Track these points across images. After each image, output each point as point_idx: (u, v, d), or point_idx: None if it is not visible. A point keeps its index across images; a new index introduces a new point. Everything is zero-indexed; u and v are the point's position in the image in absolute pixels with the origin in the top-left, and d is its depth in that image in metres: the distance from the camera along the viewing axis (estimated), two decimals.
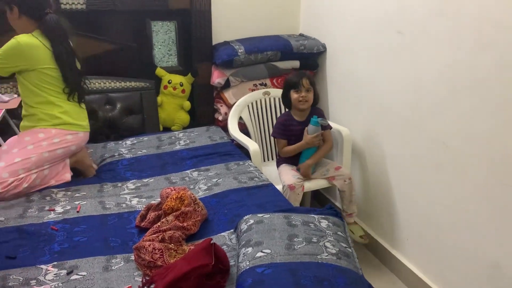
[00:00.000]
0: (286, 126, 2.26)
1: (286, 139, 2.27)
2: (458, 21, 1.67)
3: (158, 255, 1.40)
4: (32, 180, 1.93)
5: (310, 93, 2.21)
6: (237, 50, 2.56)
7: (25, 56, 1.92)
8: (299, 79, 2.19)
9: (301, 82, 2.18)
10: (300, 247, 1.34)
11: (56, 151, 2.00)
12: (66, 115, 2.04)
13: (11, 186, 1.87)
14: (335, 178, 2.25)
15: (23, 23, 1.98)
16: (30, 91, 1.99)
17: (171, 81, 2.67)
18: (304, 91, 2.19)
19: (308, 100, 2.21)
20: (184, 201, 1.63)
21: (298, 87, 2.19)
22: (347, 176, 2.24)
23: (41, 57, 1.95)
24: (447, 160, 1.81)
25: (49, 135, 1.99)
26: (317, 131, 2.20)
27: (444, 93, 1.78)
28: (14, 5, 1.94)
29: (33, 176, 1.93)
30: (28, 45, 1.92)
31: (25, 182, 1.91)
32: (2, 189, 1.85)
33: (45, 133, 1.99)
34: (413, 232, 2.09)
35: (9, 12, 1.97)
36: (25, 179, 1.91)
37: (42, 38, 1.97)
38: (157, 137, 2.51)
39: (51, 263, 1.45)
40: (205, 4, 2.58)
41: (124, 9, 2.48)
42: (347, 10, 2.40)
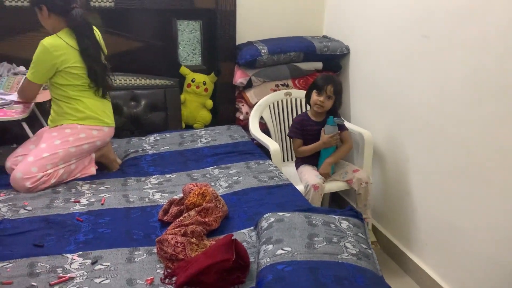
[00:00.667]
0: (302, 126, 2.28)
1: (302, 138, 2.28)
2: (485, 26, 1.66)
3: (180, 249, 1.43)
4: (60, 175, 1.99)
5: (330, 101, 2.21)
6: (260, 50, 2.58)
7: (52, 57, 1.97)
8: (325, 83, 2.19)
9: (325, 88, 2.18)
10: (321, 246, 1.35)
11: (83, 146, 2.05)
12: (90, 110, 2.08)
13: (40, 181, 1.93)
14: (353, 180, 2.25)
15: (53, 22, 2.03)
16: (55, 87, 2.06)
17: (195, 79, 2.71)
18: (324, 97, 2.19)
19: (324, 107, 2.22)
20: (206, 197, 1.66)
21: (320, 91, 2.20)
22: (364, 179, 2.23)
23: (67, 56, 2.00)
24: (470, 166, 1.80)
25: (76, 131, 2.05)
26: (334, 131, 2.21)
27: (469, 99, 1.77)
28: (42, 4, 1.99)
29: (60, 171, 1.99)
30: (53, 46, 1.97)
31: (53, 177, 1.97)
32: (32, 184, 1.91)
33: (71, 128, 2.05)
34: (432, 237, 2.08)
35: (39, 13, 2.03)
36: (53, 175, 1.97)
37: (66, 37, 2.01)
38: (180, 134, 2.55)
39: (76, 252, 1.49)
40: (230, 4, 2.61)
41: (152, 7, 2.53)
42: (372, 12, 2.40)
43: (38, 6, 2.00)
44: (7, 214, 1.72)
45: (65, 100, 2.06)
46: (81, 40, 2.02)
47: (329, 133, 2.21)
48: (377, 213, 2.52)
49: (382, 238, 2.47)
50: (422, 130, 2.07)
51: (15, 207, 1.78)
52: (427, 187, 2.09)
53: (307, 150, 2.27)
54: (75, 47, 2.01)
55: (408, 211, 2.24)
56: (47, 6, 1.99)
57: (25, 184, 1.90)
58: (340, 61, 2.76)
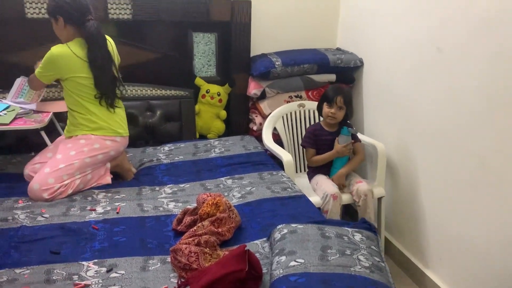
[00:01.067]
0: (316, 135, 2.29)
1: (316, 148, 2.29)
2: (499, 38, 1.66)
3: (194, 258, 1.45)
4: (76, 185, 2.02)
5: (341, 111, 2.23)
6: (274, 62, 2.61)
7: (57, 65, 2.04)
8: (335, 95, 2.21)
9: (335, 99, 2.20)
10: (334, 258, 1.35)
11: (97, 157, 2.09)
12: (102, 120, 2.12)
13: (57, 192, 1.96)
14: (353, 192, 2.25)
15: (68, 33, 2.08)
16: (69, 96, 2.11)
17: (209, 90, 2.75)
18: (335, 108, 2.21)
19: (337, 118, 2.24)
20: (219, 207, 1.67)
21: (331, 103, 2.22)
22: (364, 191, 2.22)
23: (72, 66, 2.04)
24: (484, 179, 1.79)
25: (90, 141, 2.09)
26: (348, 140, 2.22)
27: (483, 111, 1.77)
28: (59, 15, 2.04)
29: (77, 182, 2.03)
30: (60, 55, 2.02)
31: (70, 188, 2.00)
32: (49, 195, 1.95)
33: (85, 139, 2.09)
34: (446, 251, 2.06)
35: (54, 23, 2.08)
36: (69, 185, 2.00)
37: (76, 47, 2.05)
38: (194, 144, 2.57)
39: (92, 260, 1.52)
40: (245, 17, 2.65)
41: (168, 19, 2.58)
42: (386, 25, 2.41)
43: (55, 16, 2.05)
44: (25, 221, 1.76)
45: (79, 111, 2.11)
46: (92, 51, 2.06)
47: (343, 143, 2.22)
48: (390, 226, 2.51)
49: (394, 251, 2.46)
50: (436, 142, 2.06)
51: (33, 214, 1.82)
52: (440, 199, 2.07)
53: (320, 159, 2.28)
54: (84, 58, 2.05)
55: (421, 224, 2.23)
56: (64, 17, 2.04)
57: (42, 195, 1.94)
58: (354, 73, 2.78)
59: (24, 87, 2.39)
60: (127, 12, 2.51)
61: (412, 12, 2.18)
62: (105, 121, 2.13)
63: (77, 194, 2.02)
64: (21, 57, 2.50)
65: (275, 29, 2.84)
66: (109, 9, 2.48)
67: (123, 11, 2.50)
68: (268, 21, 2.79)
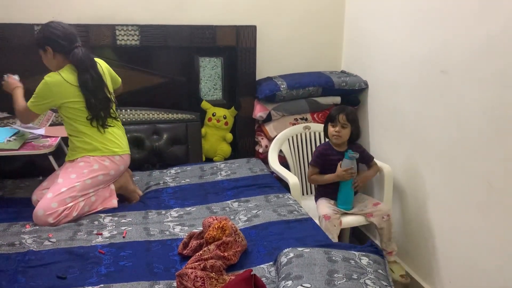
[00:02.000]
0: (324, 155, 2.29)
1: (321, 168, 2.28)
2: (504, 59, 1.67)
3: (200, 283, 1.44)
4: (81, 207, 2.04)
5: (346, 129, 2.22)
6: (280, 85, 2.64)
7: (52, 93, 2.07)
8: (337, 113, 2.22)
9: (338, 118, 2.21)
10: (341, 283, 1.34)
11: (98, 177, 2.11)
12: (96, 141, 2.14)
13: (62, 215, 1.98)
14: (373, 214, 2.23)
15: (57, 61, 2.12)
16: (65, 122, 2.16)
17: (215, 113, 2.78)
18: (339, 127, 2.21)
19: (342, 136, 2.23)
20: (225, 231, 1.67)
21: (334, 122, 2.23)
22: (385, 212, 2.22)
23: (64, 93, 2.08)
24: (492, 201, 1.77)
25: (88, 163, 2.11)
26: (351, 164, 2.20)
27: (490, 133, 1.76)
28: (47, 46, 2.08)
29: (81, 204, 2.04)
30: (53, 84, 2.06)
31: (75, 210, 2.02)
32: (54, 219, 1.96)
33: (84, 161, 2.12)
34: (456, 275, 2.03)
35: (43, 54, 2.13)
36: (74, 207, 2.02)
37: (67, 74, 2.09)
38: (200, 167, 2.59)
39: (98, 285, 1.51)
40: (250, 42, 2.70)
41: (175, 45, 2.63)
42: (390, 47, 2.44)
43: (43, 47, 2.10)
44: (32, 245, 1.76)
45: (75, 135, 2.15)
46: (82, 75, 2.10)
47: (345, 167, 2.20)
48: (398, 249, 2.47)
49: None
50: (443, 165, 2.06)
51: (40, 238, 1.82)
52: (448, 222, 2.05)
53: (319, 179, 2.27)
54: (75, 84, 2.08)
55: (429, 246, 2.20)
56: (52, 47, 2.09)
57: (47, 220, 1.95)
58: (359, 96, 2.79)
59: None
60: (134, 38, 2.56)
61: (415, 35, 2.21)
62: (100, 142, 2.15)
63: (83, 218, 2.03)
64: (31, 82, 2.54)
65: (280, 52, 2.88)
66: (117, 36, 2.54)
67: (131, 37, 2.56)
68: (273, 45, 2.84)
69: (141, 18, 2.61)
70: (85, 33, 2.50)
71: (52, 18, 2.51)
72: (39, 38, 2.11)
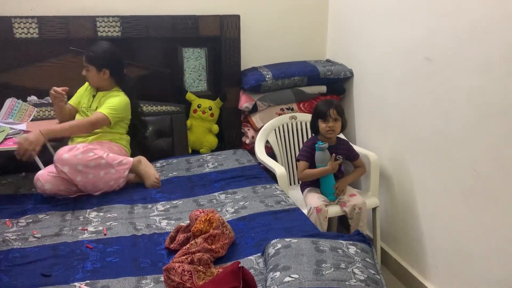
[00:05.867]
0: (313, 149, 2.27)
1: (310, 162, 2.26)
2: (487, 47, 1.67)
3: (187, 277, 1.43)
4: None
5: (338, 122, 2.21)
6: (265, 75, 2.62)
7: (127, 109, 2.35)
8: (327, 109, 2.19)
9: (329, 113, 2.19)
10: (328, 273, 1.34)
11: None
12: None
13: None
14: (346, 204, 2.22)
15: (109, 82, 2.34)
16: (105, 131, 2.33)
17: (201, 105, 2.75)
18: (332, 121, 2.19)
19: (336, 130, 2.21)
20: (212, 224, 1.66)
21: (325, 118, 2.20)
22: (358, 205, 2.20)
23: (129, 111, 2.37)
24: (477, 187, 1.79)
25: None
26: (324, 156, 2.18)
27: (474, 119, 1.77)
28: (106, 68, 2.28)
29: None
30: (128, 101, 2.35)
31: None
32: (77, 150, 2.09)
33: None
34: (442, 260, 2.05)
35: (96, 72, 2.28)
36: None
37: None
38: (186, 159, 2.56)
39: (84, 281, 1.49)
40: (234, 31, 2.67)
41: (158, 36, 2.59)
42: (374, 36, 2.43)
43: (100, 68, 2.27)
44: (16, 243, 1.73)
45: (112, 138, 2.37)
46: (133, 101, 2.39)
47: (320, 159, 2.18)
48: (385, 236, 2.50)
49: (391, 261, 2.44)
50: (428, 151, 2.07)
51: (24, 235, 1.79)
52: (434, 208, 2.07)
53: (311, 174, 2.24)
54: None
55: (416, 233, 2.22)
56: (110, 71, 2.31)
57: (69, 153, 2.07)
58: (344, 84, 2.79)
59: (15, 107, 2.38)
60: (116, 29, 2.51)
61: (400, 23, 2.20)
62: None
63: (68, 214, 1.99)
64: (10, 77, 2.49)
65: (265, 42, 2.85)
66: (98, 27, 2.48)
67: (112, 29, 2.51)
68: (257, 35, 2.81)
69: (122, 9, 2.56)
70: (64, 25, 2.45)
71: (30, 10, 2.46)
72: (98, 58, 2.25)
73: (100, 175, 2.12)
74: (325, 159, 2.18)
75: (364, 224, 2.23)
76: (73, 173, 2.06)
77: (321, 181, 2.25)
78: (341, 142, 2.29)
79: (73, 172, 2.06)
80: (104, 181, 2.14)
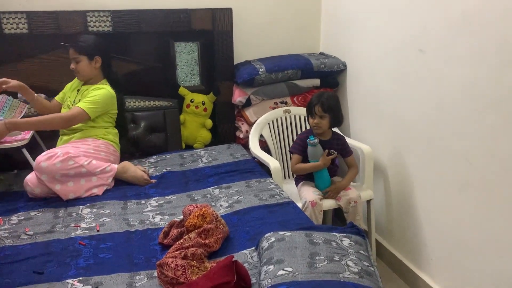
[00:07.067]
0: (306, 143, 2.26)
1: (303, 155, 2.25)
2: (481, 38, 1.67)
3: (180, 272, 1.42)
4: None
5: (324, 119, 2.16)
6: (258, 69, 2.60)
7: (110, 103, 2.30)
8: (313, 106, 2.16)
9: (314, 110, 2.15)
10: (322, 265, 1.34)
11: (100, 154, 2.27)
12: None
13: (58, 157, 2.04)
14: (341, 198, 2.20)
15: (98, 72, 2.32)
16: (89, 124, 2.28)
17: (194, 100, 2.73)
18: (317, 118, 2.16)
19: (321, 126, 2.17)
20: (206, 218, 1.65)
21: (312, 114, 2.19)
22: (353, 198, 2.18)
23: (114, 104, 2.33)
24: (472, 178, 1.79)
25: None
26: (318, 150, 2.17)
27: (467, 111, 1.77)
28: (98, 56, 2.26)
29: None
30: (112, 95, 2.31)
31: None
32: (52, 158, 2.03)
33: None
34: (438, 252, 2.06)
35: (87, 62, 2.25)
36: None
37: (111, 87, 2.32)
38: (180, 154, 2.55)
39: (76, 278, 1.48)
40: (226, 25, 2.65)
41: (149, 30, 2.56)
42: (368, 28, 2.42)
43: (92, 56, 2.25)
44: (8, 240, 1.72)
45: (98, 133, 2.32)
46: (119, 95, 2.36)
47: (312, 154, 2.16)
48: (381, 228, 2.50)
49: (386, 253, 2.45)
50: (423, 144, 2.06)
51: (16, 233, 1.77)
52: (430, 200, 2.07)
53: (303, 168, 2.22)
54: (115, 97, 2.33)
55: (412, 225, 2.22)
56: (102, 58, 2.28)
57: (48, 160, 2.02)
58: (337, 77, 2.78)
59: (5, 104, 2.35)
60: (107, 24, 2.49)
61: (393, 14, 2.19)
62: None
63: (61, 210, 1.97)
64: (1, 73, 2.46)
65: (258, 35, 2.84)
66: (89, 22, 2.46)
67: (103, 24, 2.48)
68: (250, 28, 2.79)
69: (113, 3, 2.53)
70: (55, 21, 2.42)
71: (19, 5, 2.43)
72: (89, 45, 2.23)
73: (80, 183, 2.08)
74: (317, 154, 2.17)
75: (360, 217, 2.22)
76: (51, 181, 2.02)
77: (314, 175, 2.23)
78: (335, 137, 2.27)
79: (51, 181, 2.02)
80: (85, 189, 2.09)
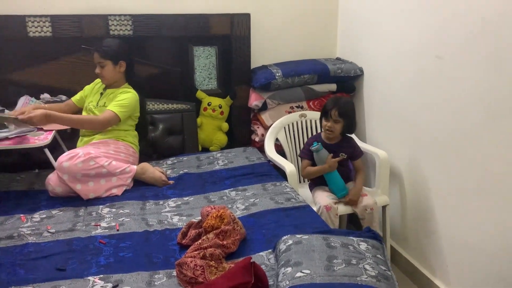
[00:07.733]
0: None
1: (311, 160, 2.26)
2: (499, 45, 1.67)
3: (199, 272, 1.45)
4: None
5: (338, 124, 2.17)
6: (275, 73, 2.63)
7: (136, 106, 2.37)
8: (329, 108, 2.16)
9: (330, 113, 2.16)
10: (340, 268, 1.35)
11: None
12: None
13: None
14: (357, 205, 2.20)
15: (122, 77, 2.38)
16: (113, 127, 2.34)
17: (211, 103, 2.76)
18: (331, 122, 2.17)
19: (334, 131, 2.18)
20: (224, 220, 1.67)
21: (327, 116, 2.20)
22: (369, 205, 2.18)
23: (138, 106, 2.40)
24: (489, 185, 1.79)
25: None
26: (322, 155, 2.17)
27: (485, 118, 1.77)
28: (123, 61, 2.32)
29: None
30: (137, 97, 2.38)
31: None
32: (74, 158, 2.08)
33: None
34: (453, 259, 2.05)
35: (112, 66, 2.30)
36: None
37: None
38: (196, 157, 2.58)
39: (97, 275, 1.52)
40: (244, 30, 2.68)
41: (169, 34, 2.61)
42: (385, 34, 2.43)
43: (117, 61, 2.31)
44: (31, 238, 1.76)
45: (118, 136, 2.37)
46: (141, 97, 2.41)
47: (319, 158, 2.17)
48: (396, 235, 2.50)
49: (401, 259, 2.44)
50: (439, 150, 2.06)
51: (38, 230, 1.82)
52: (446, 207, 2.07)
53: (312, 172, 2.24)
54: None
55: (427, 232, 2.22)
56: (127, 62, 2.34)
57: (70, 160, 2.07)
58: (354, 82, 2.79)
59: (28, 105, 2.41)
60: (128, 28, 2.54)
61: (410, 20, 2.20)
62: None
63: (81, 209, 2.02)
64: (24, 75, 2.53)
65: (275, 40, 2.86)
66: (110, 26, 2.51)
67: (124, 27, 2.53)
68: (267, 33, 2.83)
69: (134, 7, 2.59)
70: (78, 24, 2.48)
71: (44, 9, 2.50)
72: (114, 50, 2.29)
73: (101, 183, 2.12)
74: (321, 160, 2.18)
75: (376, 224, 2.22)
76: (72, 181, 2.07)
77: (327, 180, 2.24)
78: (345, 139, 2.27)
79: (73, 180, 2.07)
80: (105, 189, 2.13)
